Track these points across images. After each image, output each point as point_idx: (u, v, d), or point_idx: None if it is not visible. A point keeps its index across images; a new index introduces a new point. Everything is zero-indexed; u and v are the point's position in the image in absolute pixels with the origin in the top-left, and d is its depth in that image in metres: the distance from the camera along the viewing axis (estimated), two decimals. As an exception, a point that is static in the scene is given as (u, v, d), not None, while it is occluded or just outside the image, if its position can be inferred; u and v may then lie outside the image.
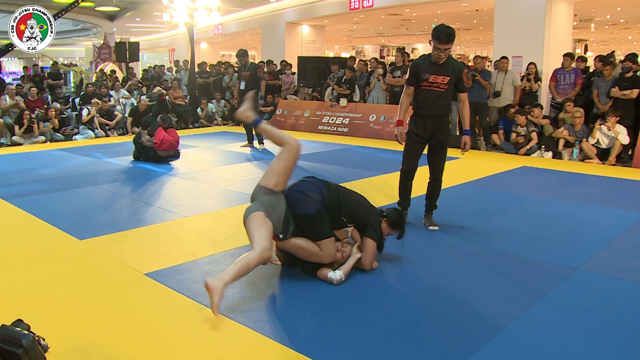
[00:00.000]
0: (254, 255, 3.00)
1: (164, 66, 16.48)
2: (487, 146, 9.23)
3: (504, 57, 9.16)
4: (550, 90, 9.14)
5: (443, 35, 4.10)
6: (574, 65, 8.92)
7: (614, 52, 9.89)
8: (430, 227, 4.52)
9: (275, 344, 2.61)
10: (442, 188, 4.64)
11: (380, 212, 3.69)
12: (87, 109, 10.81)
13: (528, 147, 8.43)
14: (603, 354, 2.54)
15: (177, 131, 8.22)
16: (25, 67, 16.09)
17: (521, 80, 9.31)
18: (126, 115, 11.41)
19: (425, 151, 4.58)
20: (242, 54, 8.92)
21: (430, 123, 4.38)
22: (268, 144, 9.26)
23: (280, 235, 3.32)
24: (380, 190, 5.92)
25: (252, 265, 3.01)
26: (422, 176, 4.69)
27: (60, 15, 12.18)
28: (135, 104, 11.67)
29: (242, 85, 8.82)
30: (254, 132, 9.15)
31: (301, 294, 3.19)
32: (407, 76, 4.49)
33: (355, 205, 3.57)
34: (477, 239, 4.26)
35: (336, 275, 3.30)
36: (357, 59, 13.07)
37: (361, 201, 3.65)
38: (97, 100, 11.00)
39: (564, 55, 8.94)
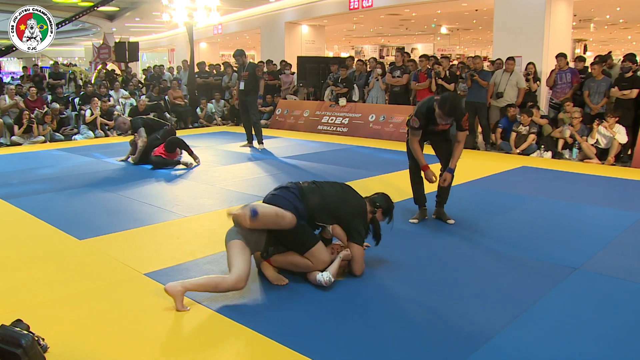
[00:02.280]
0: (229, 281, 3.01)
1: (163, 66, 16.48)
2: (487, 146, 9.23)
3: (511, 58, 9.07)
4: (548, 88, 9.12)
5: (448, 109, 4.17)
6: (571, 64, 8.90)
7: (610, 52, 9.89)
8: (448, 221, 4.65)
9: (274, 344, 2.61)
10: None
11: (372, 202, 3.61)
12: (90, 109, 10.81)
13: (525, 145, 8.42)
14: (603, 354, 2.54)
15: (175, 131, 8.25)
16: (24, 67, 16.09)
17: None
18: (126, 115, 11.40)
19: (432, 151, 4.75)
20: (240, 54, 8.90)
21: (428, 140, 4.66)
22: (267, 144, 9.26)
23: (264, 254, 3.38)
24: (379, 190, 5.90)
25: (222, 289, 3.04)
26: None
27: (69, 21, 12.25)
28: (135, 104, 11.67)
29: (242, 86, 8.82)
30: (253, 132, 9.15)
31: (300, 294, 3.19)
32: (414, 122, 4.42)
33: (336, 205, 3.43)
34: (477, 238, 4.26)
35: (324, 277, 3.25)
36: (356, 59, 13.06)
37: (344, 198, 3.49)
38: (97, 100, 10.98)
39: (557, 56, 8.93)
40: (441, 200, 4.71)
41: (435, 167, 4.63)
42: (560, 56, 8.88)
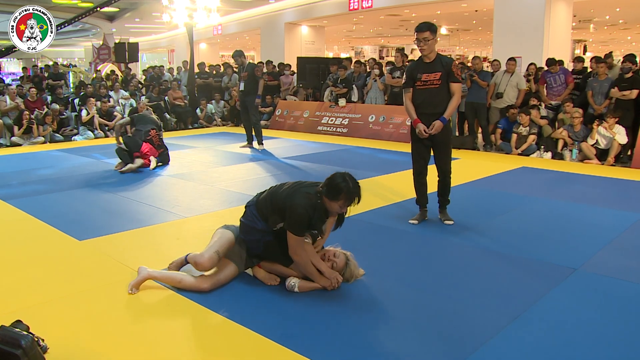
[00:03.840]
0: (194, 283, 3.18)
1: (163, 67, 16.48)
2: (487, 147, 9.23)
3: (512, 59, 9.07)
4: (540, 92, 9.12)
5: (420, 24, 4.38)
6: (568, 65, 8.90)
7: (611, 52, 9.89)
8: (446, 222, 4.64)
9: (274, 344, 2.61)
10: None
11: (315, 189, 3.19)
12: (86, 109, 10.81)
13: (525, 146, 8.42)
14: (602, 354, 2.54)
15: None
16: (24, 68, 16.09)
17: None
18: (125, 116, 11.40)
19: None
20: (239, 54, 8.92)
21: (430, 121, 4.46)
22: (267, 144, 9.26)
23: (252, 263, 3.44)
24: (379, 191, 5.92)
25: (184, 287, 3.18)
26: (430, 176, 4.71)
27: (69, 23, 12.27)
28: (135, 105, 11.67)
29: (242, 86, 8.83)
30: (253, 133, 9.15)
31: (300, 295, 3.18)
32: (404, 81, 4.67)
33: (282, 203, 3.18)
34: (477, 238, 4.26)
35: (290, 283, 3.22)
36: (354, 60, 13.08)
37: (290, 193, 3.21)
38: (94, 100, 10.97)
39: (547, 61, 8.94)
40: (443, 200, 4.73)
41: (432, 169, 4.64)
42: (550, 63, 8.89)
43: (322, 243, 3.41)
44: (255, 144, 9.19)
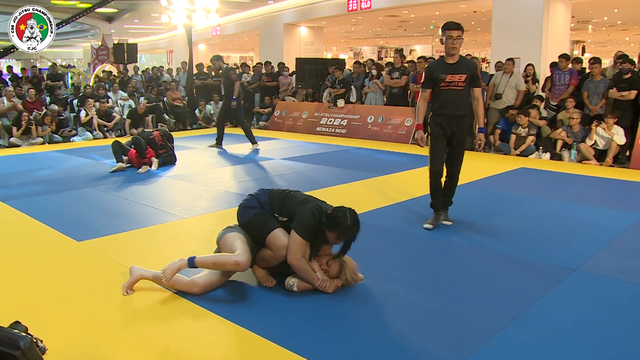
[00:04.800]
0: (186, 285, 3.15)
1: (162, 67, 16.48)
2: (485, 147, 9.23)
3: (510, 60, 9.07)
4: (544, 92, 9.13)
5: (451, 22, 4.25)
6: (569, 65, 8.90)
7: (617, 52, 9.89)
8: (444, 222, 4.60)
9: (273, 345, 2.60)
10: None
11: (326, 208, 3.23)
12: (85, 110, 10.80)
13: (524, 147, 8.43)
14: (602, 354, 2.54)
15: (174, 132, 8.24)
16: (23, 69, 16.08)
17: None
18: (124, 117, 11.40)
19: None
20: (217, 59, 9.16)
21: (452, 123, 4.41)
22: (266, 145, 9.27)
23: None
24: (379, 191, 5.92)
25: (177, 288, 3.17)
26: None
27: (66, 22, 12.26)
28: (134, 106, 11.67)
29: (222, 90, 9.13)
30: (222, 133, 9.40)
31: (299, 295, 3.18)
32: (422, 80, 4.51)
33: (296, 203, 3.28)
34: (476, 239, 4.26)
35: (289, 282, 3.22)
36: (353, 61, 13.10)
37: (305, 199, 3.31)
38: (92, 101, 10.96)
39: (560, 57, 8.94)
40: (446, 200, 4.66)
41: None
42: (562, 57, 8.86)
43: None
44: (249, 144, 9.26)
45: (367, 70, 11.44)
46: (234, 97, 8.97)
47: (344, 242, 3.21)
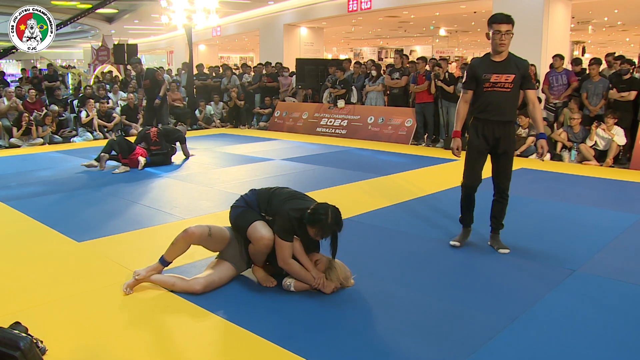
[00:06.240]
0: (186, 286, 3.19)
1: (162, 68, 16.48)
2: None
3: None
4: (545, 93, 9.13)
5: (500, 15, 3.69)
6: (567, 66, 8.88)
7: (614, 53, 9.88)
8: (501, 251, 3.97)
9: (272, 345, 2.61)
10: (443, 189, 4.60)
11: (306, 206, 3.20)
12: (86, 111, 10.81)
13: (524, 147, 8.43)
14: (601, 355, 2.54)
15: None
16: (23, 69, 16.09)
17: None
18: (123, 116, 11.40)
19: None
20: (136, 62, 9.30)
21: (495, 130, 3.83)
22: (266, 146, 9.26)
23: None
24: (379, 192, 5.92)
25: (177, 290, 3.20)
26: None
27: (64, 24, 12.26)
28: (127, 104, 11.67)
29: (146, 93, 9.31)
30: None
31: (299, 296, 3.18)
32: (464, 80, 3.97)
33: (278, 202, 3.27)
34: (475, 240, 4.26)
35: (285, 283, 3.24)
36: (353, 61, 13.09)
37: (292, 195, 3.32)
38: (93, 102, 10.96)
39: (554, 57, 8.94)
40: (497, 223, 4.06)
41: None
42: (557, 57, 8.87)
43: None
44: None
45: (367, 71, 11.44)
46: (159, 96, 9.21)
47: (330, 240, 3.21)
